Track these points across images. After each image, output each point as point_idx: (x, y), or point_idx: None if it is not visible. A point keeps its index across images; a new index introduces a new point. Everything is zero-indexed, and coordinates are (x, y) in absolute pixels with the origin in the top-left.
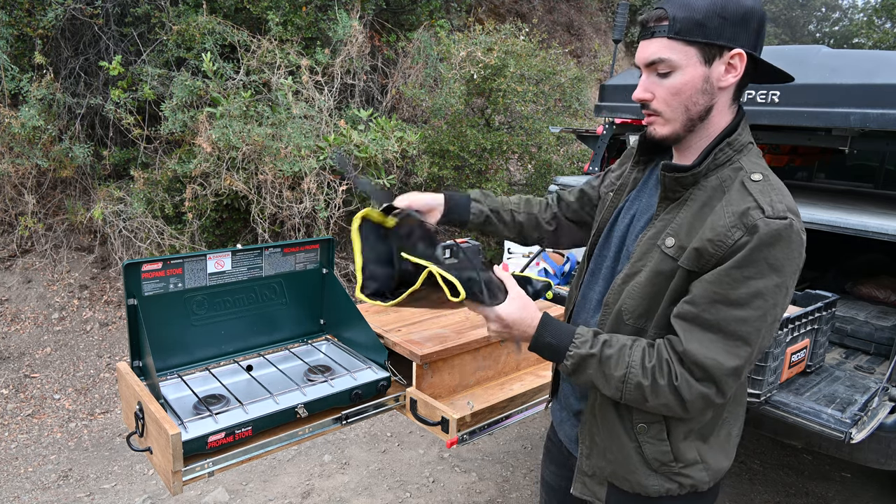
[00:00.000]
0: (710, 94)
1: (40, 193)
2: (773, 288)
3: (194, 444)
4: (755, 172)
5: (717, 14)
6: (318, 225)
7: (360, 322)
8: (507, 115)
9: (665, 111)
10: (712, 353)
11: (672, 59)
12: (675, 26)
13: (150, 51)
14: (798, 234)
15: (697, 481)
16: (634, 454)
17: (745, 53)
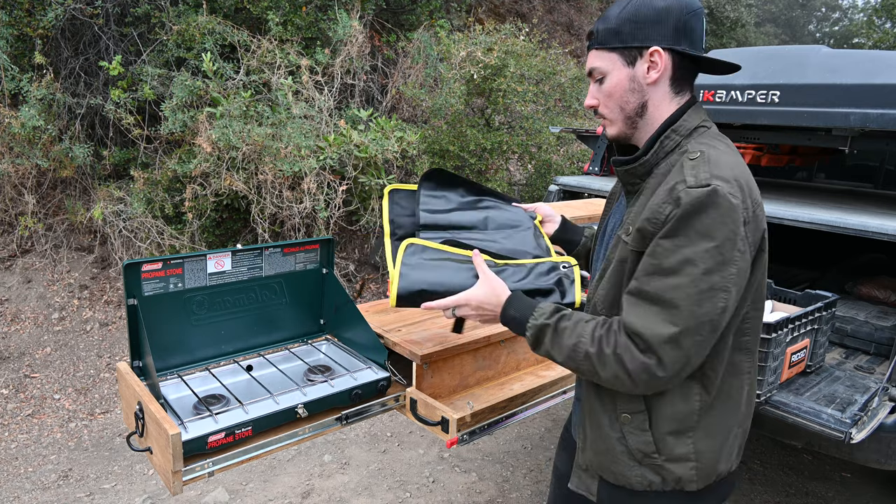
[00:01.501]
0: (640, 92)
1: (40, 193)
2: (703, 254)
3: (194, 444)
4: (695, 151)
5: (628, 20)
6: (318, 225)
7: (360, 322)
8: (507, 115)
9: (607, 113)
10: (649, 322)
11: (600, 66)
12: (598, 38)
13: (150, 51)
14: (726, 199)
15: (683, 478)
16: (618, 445)
17: (664, 49)
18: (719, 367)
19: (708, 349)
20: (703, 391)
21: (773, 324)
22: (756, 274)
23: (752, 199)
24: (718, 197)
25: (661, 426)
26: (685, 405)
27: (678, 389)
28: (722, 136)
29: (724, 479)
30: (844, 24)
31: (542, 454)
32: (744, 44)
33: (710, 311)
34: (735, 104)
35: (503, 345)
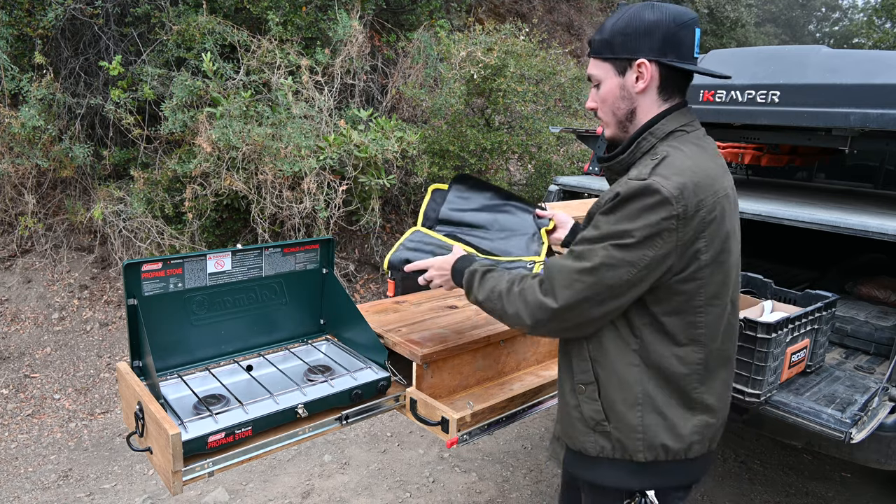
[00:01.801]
0: (630, 100)
1: (40, 193)
2: (622, 232)
3: (194, 444)
4: (660, 153)
5: (619, 32)
6: (318, 225)
7: (360, 322)
8: (507, 115)
9: (602, 116)
10: (559, 266)
11: (596, 74)
12: (594, 48)
13: (150, 51)
14: (657, 191)
15: (629, 447)
16: (574, 412)
17: (650, 61)
18: (661, 349)
19: (605, 311)
20: (645, 366)
21: (773, 324)
22: (715, 272)
23: (699, 199)
24: (649, 189)
25: (610, 396)
26: (630, 379)
27: (623, 364)
28: (701, 139)
29: (680, 462)
30: (844, 24)
31: (542, 454)
32: (744, 44)
33: (613, 277)
34: (735, 104)
35: (503, 345)
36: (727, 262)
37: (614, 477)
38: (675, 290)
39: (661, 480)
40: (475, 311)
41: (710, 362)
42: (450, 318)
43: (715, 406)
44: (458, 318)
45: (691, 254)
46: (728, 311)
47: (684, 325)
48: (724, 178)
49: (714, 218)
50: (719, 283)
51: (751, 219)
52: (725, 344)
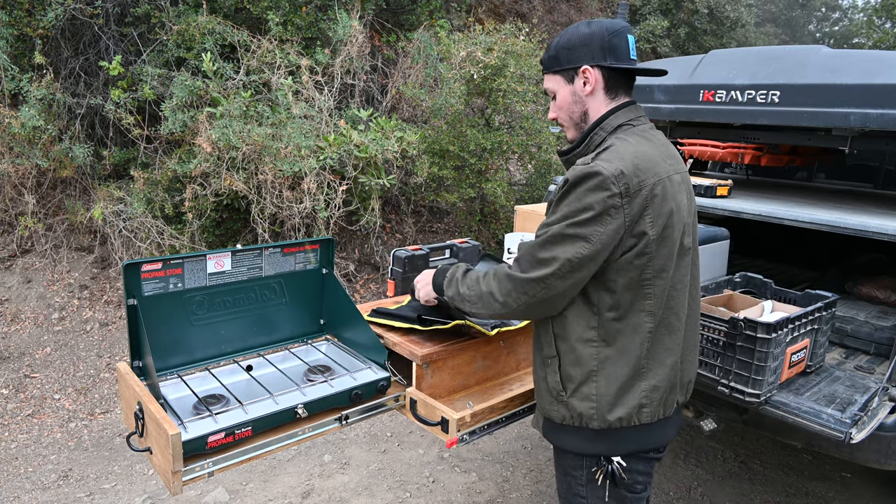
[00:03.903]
0: (581, 102)
1: (40, 193)
2: (573, 211)
3: (194, 444)
4: (608, 145)
5: (563, 47)
6: (318, 225)
7: (360, 322)
8: (507, 115)
9: (562, 122)
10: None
11: (549, 87)
12: (545, 65)
13: (150, 51)
14: (598, 173)
15: (584, 414)
16: (542, 383)
17: (591, 66)
18: (617, 322)
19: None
20: (602, 343)
21: (773, 324)
22: (662, 247)
23: (640, 179)
24: (592, 173)
25: (567, 369)
26: (585, 354)
27: (581, 341)
28: (647, 131)
29: (634, 428)
30: (844, 24)
31: (542, 454)
32: (744, 44)
33: (571, 251)
34: (735, 104)
35: (503, 345)
36: (671, 236)
37: (574, 443)
38: (628, 266)
39: (617, 447)
40: None
41: (656, 332)
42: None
43: (660, 371)
44: None
45: (639, 230)
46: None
47: (635, 298)
48: (667, 164)
49: (656, 195)
50: (665, 256)
51: (751, 219)
52: (668, 314)
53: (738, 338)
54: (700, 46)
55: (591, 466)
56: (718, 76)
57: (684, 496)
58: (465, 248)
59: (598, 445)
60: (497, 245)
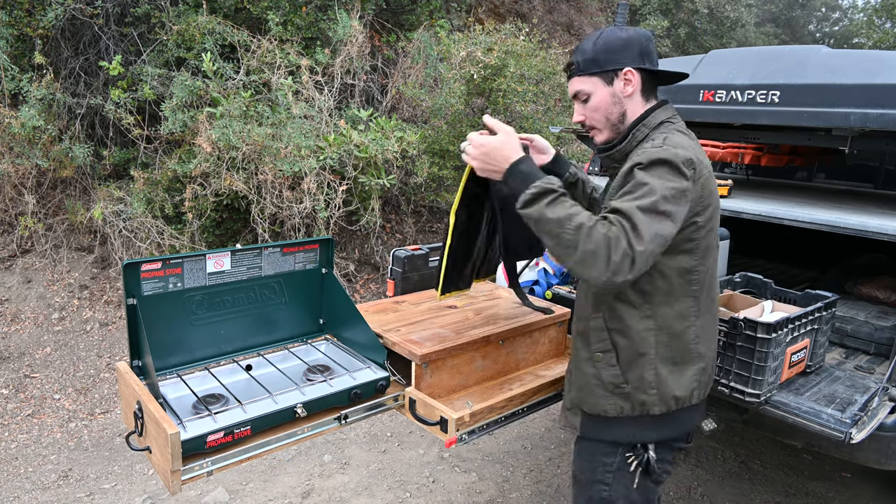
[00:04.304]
0: (620, 104)
1: (40, 193)
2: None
3: (193, 444)
4: (657, 137)
5: (602, 49)
6: (318, 225)
7: (360, 322)
8: (507, 115)
9: (595, 124)
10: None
11: (584, 89)
12: (581, 67)
13: (150, 51)
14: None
15: (647, 402)
16: (594, 380)
17: (634, 69)
18: (669, 308)
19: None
20: (658, 330)
21: (773, 324)
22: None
23: (699, 169)
24: (671, 156)
25: (627, 360)
26: (644, 342)
27: (637, 331)
28: (686, 130)
29: (687, 409)
30: (844, 24)
31: (541, 454)
32: (744, 44)
33: (666, 229)
34: (735, 104)
35: (502, 345)
36: (714, 225)
37: (633, 433)
38: (681, 251)
39: (673, 429)
40: (474, 312)
41: (702, 316)
42: (449, 318)
43: (706, 353)
44: (457, 318)
45: (694, 216)
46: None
47: (684, 284)
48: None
49: (708, 185)
50: (709, 242)
51: (751, 219)
52: (708, 300)
53: (738, 338)
54: (700, 46)
55: (626, 454)
56: (718, 76)
57: (684, 496)
58: None
59: (660, 430)
60: None
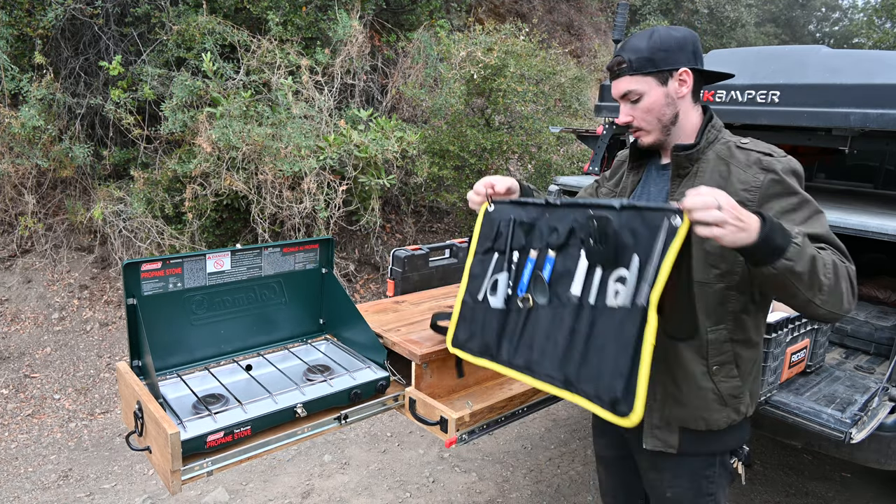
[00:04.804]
0: (674, 105)
1: (40, 193)
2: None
3: (193, 444)
4: (741, 140)
5: (658, 49)
6: (318, 225)
7: (360, 322)
8: (507, 115)
9: (644, 126)
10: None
11: (637, 89)
12: (633, 66)
13: (150, 51)
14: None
15: (746, 407)
16: (711, 394)
17: (689, 69)
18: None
19: None
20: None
21: (772, 324)
22: None
23: None
24: (798, 167)
25: (744, 370)
26: (755, 349)
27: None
28: None
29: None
30: (844, 24)
31: (541, 454)
32: (744, 44)
33: None
34: (735, 104)
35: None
36: None
37: (737, 439)
38: None
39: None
40: None
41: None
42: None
43: None
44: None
45: None
46: None
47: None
48: None
49: None
50: None
51: None
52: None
53: None
54: None
55: (730, 459)
56: None
57: None
58: (464, 247)
59: (745, 433)
60: None
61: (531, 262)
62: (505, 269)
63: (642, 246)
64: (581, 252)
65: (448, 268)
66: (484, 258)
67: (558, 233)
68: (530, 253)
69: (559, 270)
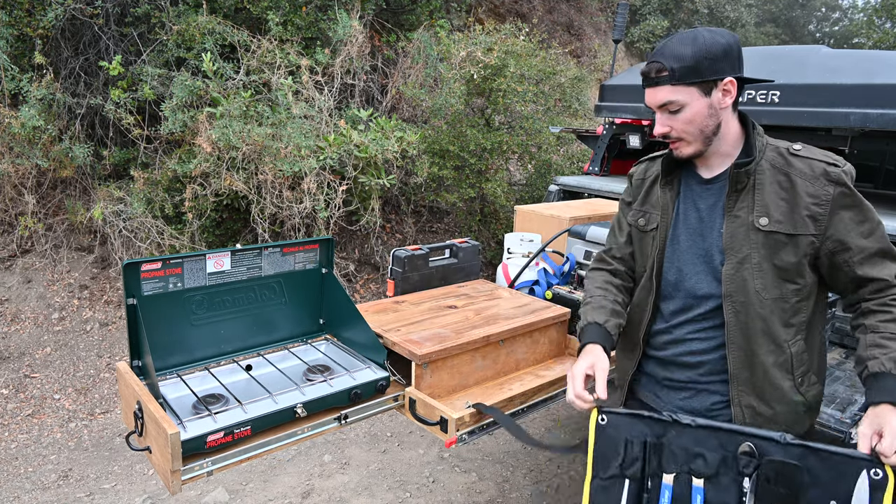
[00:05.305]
0: (717, 115)
1: (40, 193)
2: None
3: (193, 444)
4: (791, 145)
5: (704, 57)
6: (318, 225)
7: (360, 322)
8: (507, 115)
9: (686, 137)
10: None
11: (679, 99)
12: (675, 75)
13: (150, 51)
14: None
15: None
16: (801, 407)
17: (734, 78)
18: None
19: None
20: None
21: None
22: None
23: None
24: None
25: (822, 377)
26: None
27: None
28: None
29: None
30: (844, 24)
31: (541, 454)
32: (744, 44)
33: None
34: None
35: (502, 345)
36: None
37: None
38: None
39: None
40: (474, 312)
41: None
42: (449, 318)
43: None
44: (456, 318)
45: None
46: None
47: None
48: None
49: None
50: None
51: None
52: None
53: None
54: None
55: None
56: None
57: None
58: (464, 247)
59: None
60: (497, 245)
61: (668, 489)
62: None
63: (832, 489)
64: (744, 487)
65: (448, 268)
66: (608, 484)
67: (705, 461)
68: (663, 478)
69: (714, 503)
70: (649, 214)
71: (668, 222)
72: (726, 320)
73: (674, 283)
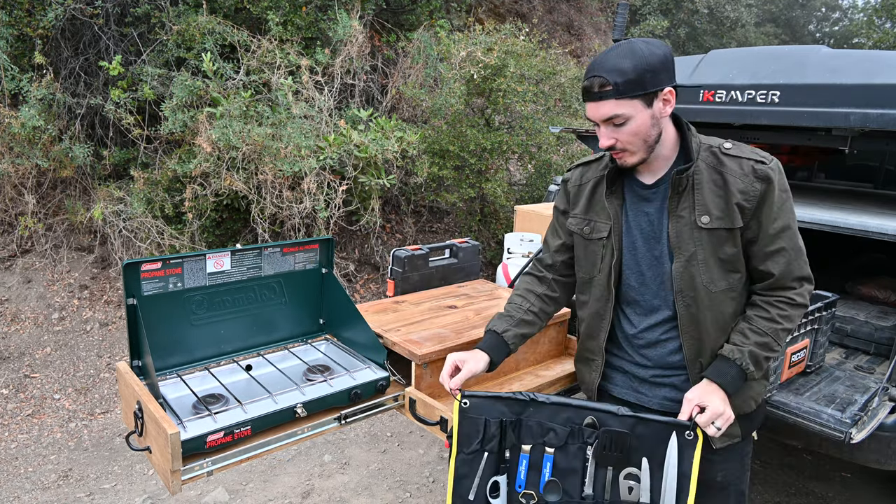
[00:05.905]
0: (658, 125)
1: (40, 193)
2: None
3: (193, 444)
4: (723, 143)
5: (645, 70)
6: (318, 225)
7: (360, 322)
8: (507, 115)
9: (630, 148)
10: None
11: (624, 113)
12: (619, 89)
13: (150, 51)
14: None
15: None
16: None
17: (672, 87)
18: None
19: None
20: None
21: None
22: None
23: None
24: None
25: None
26: None
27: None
28: None
29: None
30: (844, 24)
31: None
32: (744, 44)
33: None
34: (735, 104)
35: None
36: None
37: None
38: None
39: None
40: (474, 312)
41: None
42: (449, 318)
43: None
44: (456, 318)
45: None
46: None
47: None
48: None
49: None
50: None
51: None
52: None
53: None
54: (700, 46)
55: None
56: (718, 76)
57: None
58: (464, 247)
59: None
60: (497, 245)
61: (525, 459)
62: (502, 470)
63: (650, 450)
64: (587, 453)
65: (448, 268)
66: (471, 458)
67: (556, 434)
68: (522, 449)
69: (561, 468)
70: (594, 223)
71: (619, 230)
72: (678, 314)
73: (637, 287)
